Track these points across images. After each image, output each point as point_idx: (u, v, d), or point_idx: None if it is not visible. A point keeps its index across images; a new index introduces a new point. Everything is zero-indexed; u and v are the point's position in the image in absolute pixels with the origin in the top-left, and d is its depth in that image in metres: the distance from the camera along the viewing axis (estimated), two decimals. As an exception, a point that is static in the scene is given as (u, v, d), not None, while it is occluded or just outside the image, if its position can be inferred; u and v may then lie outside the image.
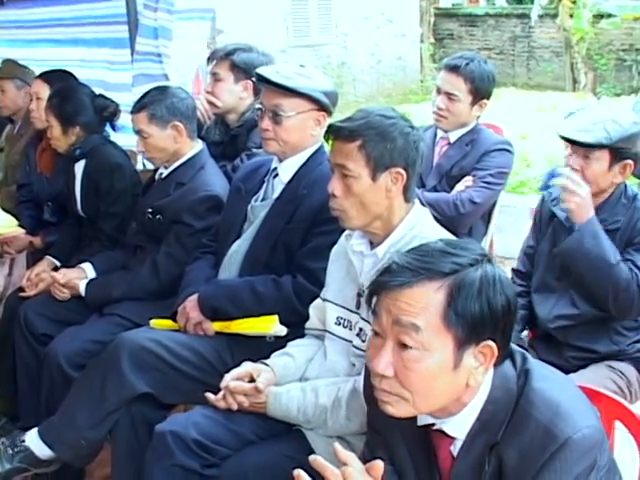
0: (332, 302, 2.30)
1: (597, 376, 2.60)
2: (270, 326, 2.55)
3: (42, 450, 2.62)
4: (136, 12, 4.14)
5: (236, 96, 3.44)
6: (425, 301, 1.49)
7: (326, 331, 2.33)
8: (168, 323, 2.78)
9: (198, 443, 2.15)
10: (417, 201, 2.23)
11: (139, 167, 3.97)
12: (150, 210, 3.13)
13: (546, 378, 1.56)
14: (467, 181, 3.47)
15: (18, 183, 4.18)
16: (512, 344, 1.59)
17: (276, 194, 2.74)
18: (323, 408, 2.14)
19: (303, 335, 2.46)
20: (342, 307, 2.27)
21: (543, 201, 2.89)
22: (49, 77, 3.92)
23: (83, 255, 3.44)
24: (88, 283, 3.19)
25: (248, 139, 3.40)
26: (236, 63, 3.40)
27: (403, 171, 2.12)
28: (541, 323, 2.79)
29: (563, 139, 2.68)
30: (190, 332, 2.69)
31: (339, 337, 2.27)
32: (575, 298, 2.70)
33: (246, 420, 2.24)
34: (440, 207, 3.33)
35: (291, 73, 2.64)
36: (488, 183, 3.45)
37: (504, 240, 4.17)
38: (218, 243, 2.88)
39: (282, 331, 2.54)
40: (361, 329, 2.18)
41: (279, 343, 2.47)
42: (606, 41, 14.28)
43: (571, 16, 13.97)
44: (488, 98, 3.53)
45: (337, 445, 1.52)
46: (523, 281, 2.88)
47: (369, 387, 1.65)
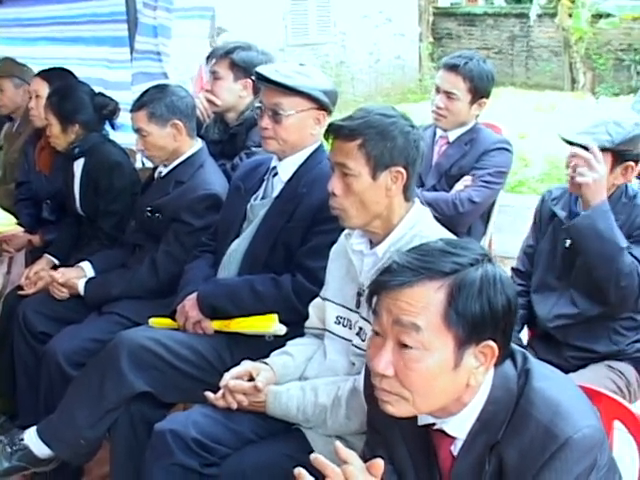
0: (332, 301, 2.30)
1: (596, 376, 2.59)
2: (269, 325, 2.54)
3: (41, 449, 2.62)
4: (135, 10, 4.13)
5: (235, 95, 3.44)
6: (425, 301, 1.48)
7: (326, 330, 2.33)
8: (167, 322, 2.77)
9: (198, 442, 2.15)
10: (417, 200, 2.23)
11: (138, 165, 3.97)
12: (149, 208, 3.13)
13: (546, 378, 1.56)
14: (466, 180, 3.47)
15: (17, 181, 4.17)
16: (513, 344, 1.59)
17: (275, 193, 2.74)
18: (323, 407, 2.14)
19: (302, 334, 2.46)
20: (342, 306, 2.26)
21: (543, 200, 2.89)
22: (48, 75, 3.91)
23: (82, 254, 3.44)
24: (87, 282, 3.18)
25: (247, 138, 3.40)
26: (235, 62, 3.40)
27: (403, 170, 2.12)
28: (540, 322, 2.79)
29: (565, 142, 2.67)
30: (189, 331, 2.68)
31: (339, 336, 2.27)
32: (575, 297, 2.70)
33: (245, 419, 2.24)
34: (439, 206, 3.32)
35: (291, 72, 2.63)
36: (487, 182, 3.45)
37: (503, 240, 4.17)
38: (217, 242, 2.88)
39: (281, 330, 2.54)
40: (361, 328, 2.17)
41: (278, 342, 2.47)
42: (605, 41, 14.31)
43: (570, 16, 14.00)
44: (487, 97, 3.53)
45: (338, 443, 1.52)
46: (522, 280, 2.88)
47: (369, 387, 1.64)
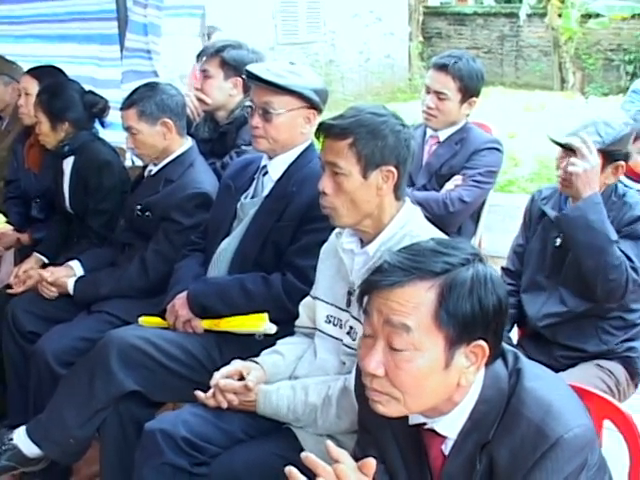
0: (322, 300, 2.30)
1: (586, 375, 2.60)
2: (259, 324, 2.54)
3: (30, 448, 2.61)
4: (126, 8, 4.11)
5: (226, 93, 3.44)
6: (416, 301, 1.48)
7: (316, 329, 2.32)
8: (157, 321, 2.77)
9: (188, 441, 2.14)
10: (408, 199, 2.23)
11: (128, 164, 3.96)
12: (139, 207, 3.12)
13: (538, 377, 1.57)
14: (457, 180, 3.47)
15: (6, 179, 4.14)
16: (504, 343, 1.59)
17: (266, 192, 2.73)
18: (313, 406, 2.13)
19: (293, 333, 2.46)
20: (332, 305, 2.26)
21: (533, 200, 2.90)
22: (38, 73, 3.89)
23: (71, 252, 3.42)
24: (76, 281, 3.17)
25: (237, 136, 3.39)
26: (226, 60, 3.40)
27: (394, 169, 2.12)
28: (530, 322, 2.79)
29: (555, 143, 2.67)
30: (179, 330, 2.68)
31: (329, 335, 2.27)
32: (564, 295, 2.71)
33: (236, 418, 2.23)
34: (430, 206, 3.32)
35: (281, 70, 2.63)
36: (478, 182, 3.46)
37: (492, 239, 4.17)
38: (207, 240, 2.87)
39: (272, 329, 2.53)
40: (351, 327, 2.17)
41: (269, 341, 2.46)
42: (594, 41, 14.37)
43: (559, 15, 14.06)
44: (477, 96, 3.54)
45: (329, 442, 1.52)
46: (512, 280, 2.88)
47: (360, 386, 1.64)
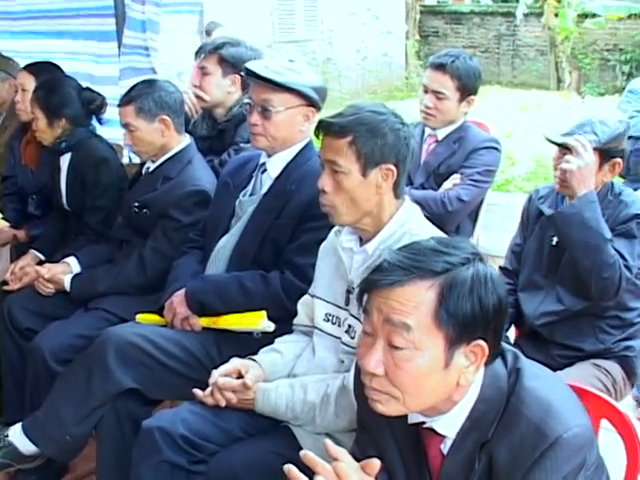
0: (321, 298, 2.29)
1: (583, 374, 2.60)
2: (258, 322, 2.54)
3: (26, 445, 2.61)
4: (124, 5, 4.12)
5: (224, 90, 3.43)
6: (416, 300, 1.48)
7: (314, 327, 2.32)
8: (154, 318, 2.77)
9: (186, 439, 2.14)
10: (407, 198, 2.23)
11: (125, 161, 3.95)
12: (137, 204, 3.11)
13: (537, 377, 1.57)
14: (455, 179, 3.47)
15: (2, 175, 4.13)
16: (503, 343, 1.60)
17: (264, 189, 2.73)
18: (312, 405, 2.13)
19: (291, 331, 2.46)
20: (331, 303, 2.26)
21: (530, 199, 2.90)
22: (35, 69, 3.88)
23: (68, 249, 3.41)
24: (73, 278, 3.16)
25: (236, 134, 3.39)
26: (224, 57, 3.39)
27: (394, 167, 2.11)
28: (527, 321, 2.79)
29: (551, 142, 2.68)
30: (177, 327, 2.68)
31: (328, 334, 2.26)
32: (561, 294, 2.71)
33: (234, 416, 2.23)
34: (428, 205, 3.32)
35: (281, 68, 2.62)
36: (475, 181, 3.46)
37: (489, 238, 4.18)
38: (205, 238, 2.86)
39: (270, 327, 2.53)
40: (350, 326, 2.17)
41: (267, 339, 2.46)
42: (590, 41, 14.40)
43: (556, 15, 14.06)
44: (475, 94, 3.53)
45: (328, 441, 1.52)
46: (510, 279, 2.88)
47: (359, 385, 1.64)
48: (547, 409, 1.48)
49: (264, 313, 2.54)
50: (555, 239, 2.71)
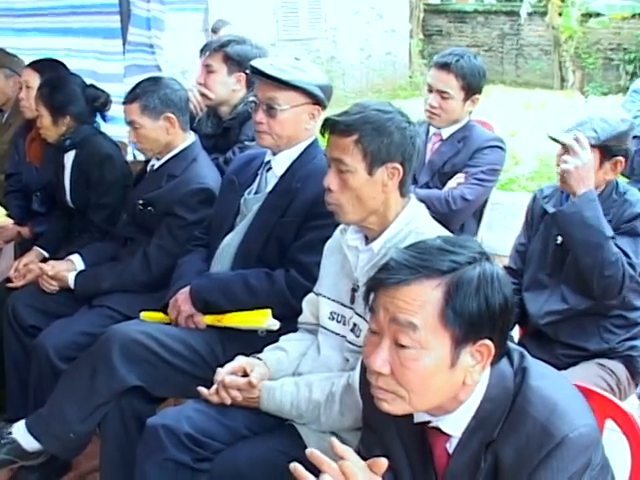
0: (326, 297, 2.29)
1: (587, 374, 2.60)
2: (263, 320, 2.54)
3: (29, 442, 2.61)
4: (128, 2, 4.11)
5: (229, 88, 3.43)
6: (423, 299, 1.48)
7: (319, 326, 2.32)
8: (159, 316, 2.76)
9: (190, 437, 2.14)
10: (413, 196, 2.23)
11: (129, 158, 3.95)
12: (141, 202, 3.11)
13: (543, 376, 1.57)
14: (459, 178, 3.47)
15: (7, 173, 4.13)
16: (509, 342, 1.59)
17: (269, 187, 2.73)
18: (317, 403, 2.13)
19: (296, 329, 2.46)
20: (336, 302, 2.26)
21: (535, 199, 2.90)
22: (40, 66, 3.88)
23: (72, 246, 3.41)
24: (77, 275, 3.16)
25: (240, 132, 3.39)
26: (230, 55, 3.39)
27: (399, 166, 2.11)
28: (532, 320, 2.79)
29: (551, 139, 2.68)
30: (181, 325, 2.67)
31: (333, 332, 2.26)
32: (565, 293, 2.71)
33: (239, 414, 2.23)
34: (432, 204, 3.31)
35: (286, 66, 2.62)
36: (480, 180, 3.46)
37: (493, 237, 4.18)
38: (210, 236, 2.86)
39: (275, 325, 2.53)
40: (355, 324, 2.17)
41: (272, 337, 2.46)
42: (594, 40, 14.37)
43: (560, 14, 14.05)
44: (480, 93, 3.53)
45: (334, 439, 1.52)
46: (514, 278, 2.87)
47: (365, 384, 1.64)
48: (553, 409, 1.48)
49: (269, 311, 2.54)
50: (560, 238, 2.71)
